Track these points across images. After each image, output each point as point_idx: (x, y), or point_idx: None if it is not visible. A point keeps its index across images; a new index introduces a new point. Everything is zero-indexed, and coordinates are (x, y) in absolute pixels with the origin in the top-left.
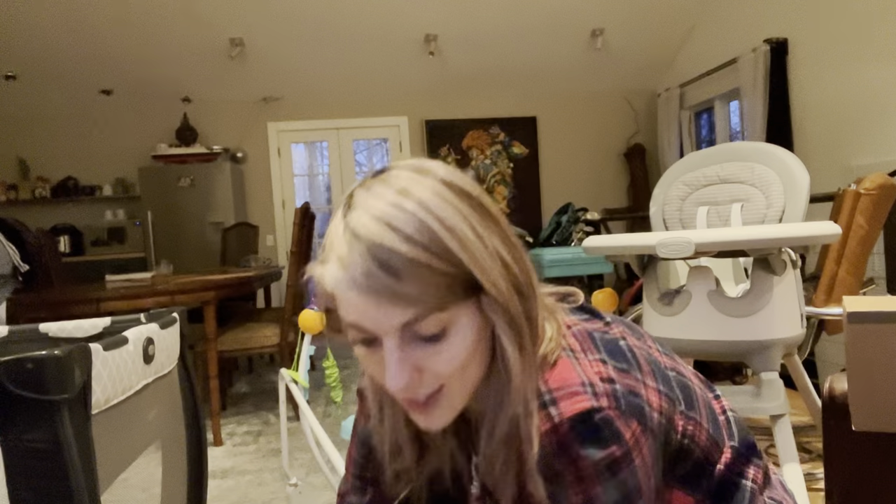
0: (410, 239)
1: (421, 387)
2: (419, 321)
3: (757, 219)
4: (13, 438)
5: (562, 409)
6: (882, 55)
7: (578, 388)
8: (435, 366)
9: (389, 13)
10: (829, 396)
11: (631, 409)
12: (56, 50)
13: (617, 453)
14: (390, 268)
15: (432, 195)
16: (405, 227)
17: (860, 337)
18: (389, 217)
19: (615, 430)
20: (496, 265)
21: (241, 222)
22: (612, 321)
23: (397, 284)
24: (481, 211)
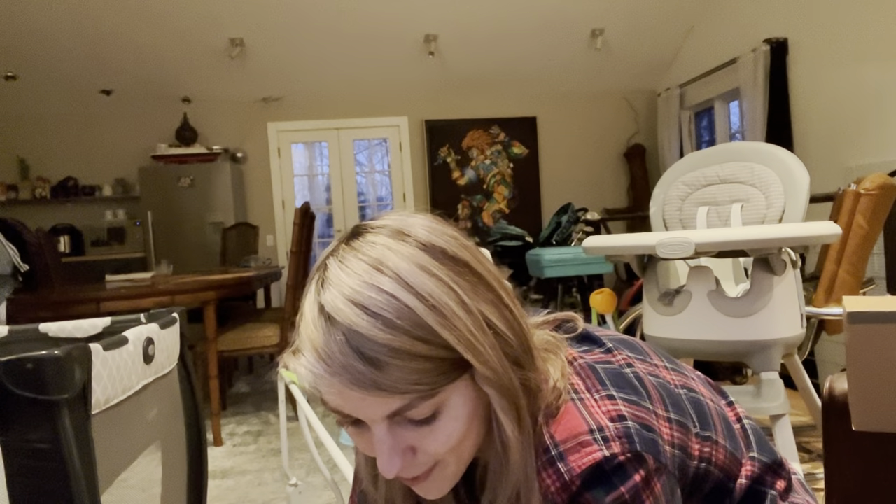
0: (390, 324)
1: (415, 467)
2: (408, 409)
3: (757, 219)
4: (13, 438)
5: (571, 464)
6: (882, 55)
7: (586, 437)
8: (429, 447)
9: (389, 13)
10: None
11: (645, 446)
12: (56, 50)
13: (626, 496)
14: (370, 359)
15: (411, 266)
16: (383, 311)
17: (860, 337)
18: (365, 300)
19: (624, 473)
20: (487, 338)
21: (241, 222)
22: (613, 347)
23: (380, 376)
24: (470, 275)
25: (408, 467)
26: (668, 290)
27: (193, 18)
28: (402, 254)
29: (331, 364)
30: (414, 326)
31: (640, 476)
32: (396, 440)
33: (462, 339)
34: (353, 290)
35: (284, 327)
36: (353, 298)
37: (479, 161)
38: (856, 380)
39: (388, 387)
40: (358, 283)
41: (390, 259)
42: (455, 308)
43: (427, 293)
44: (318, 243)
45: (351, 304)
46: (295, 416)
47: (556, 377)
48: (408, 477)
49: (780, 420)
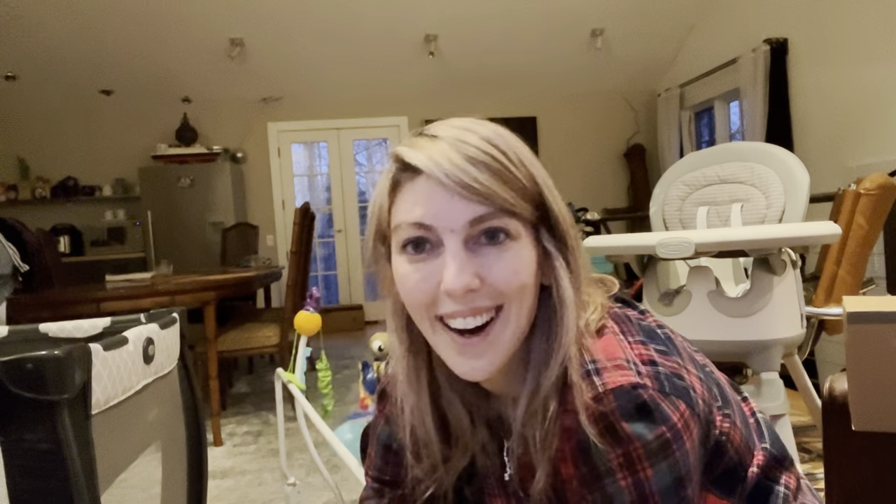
0: (491, 141)
1: (480, 298)
2: (490, 218)
3: (757, 219)
4: (13, 438)
5: (605, 379)
6: (882, 55)
7: (622, 362)
8: (498, 273)
9: (389, 13)
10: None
11: (676, 391)
12: (56, 50)
13: (667, 434)
14: (472, 159)
15: (501, 131)
16: (488, 132)
17: (860, 337)
18: (468, 127)
19: (662, 410)
20: (552, 196)
21: (241, 222)
22: (646, 311)
23: (478, 175)
24: (534, 158)
25: (473, 296)
26: (668, 290)
27: (193, 18)
28: (489, 125)
29: (437, 158)
30: (513, 151)
31: (679, 419)
32: (469, 256)
33: (543, 180)
34: (454, 128)
35: (284, 327)
36: (457, 127)
37: None
38: (856, 380)
39: (479, 189)
40: (457, 131)
41: (483, 125)
42: (537, 164)
43: (519, 146)
44: (318, 243)
45: (455, 128)
46: (294, 417)
47: (597, 303)
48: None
49: (780, 420)
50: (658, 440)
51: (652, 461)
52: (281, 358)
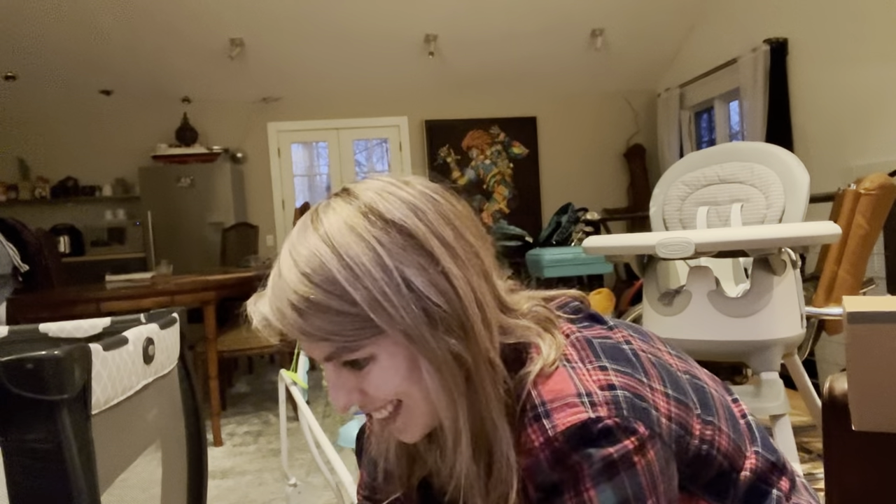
0: (309, 278)
1: (372, 406)
2: (338, 355)
3: (757, 219)
4: (13, 438)
5: (555, 421)
6: (882, 55)
7: (573, 398)
8: (368, 390)
9: (389, 13)
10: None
11: (635, 413)
12: (56, 50)
13: (614, 455)
14: (295, 307)
15: (341, 226)
16: (306, 263)
17: (860, 337)
18: (297, 256)
19: (614, 435)
20: (402, 299)
21: (241, 222)
22: (615, 326)
23: (304, 324)
24: (402, 238)
25: (365, 406)
26: (668, 290)
27: (193, 18)
28: (340, 214)
29: (271, 310)
30: (327, 282)
31: (631, 442)
32: (340, 380)
33: (369, 297)
34: (294, 245)
35: None
36: (292, 252)
37: (479, 161)
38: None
39: (311, 334)
40: (299, 239)
41: (328, 219)
42: (370, 266)
43: (345, 251)
44: None
45: (289, 257)
46: (295, 417)
47: (544, 347)
48: (374, 415)
49: (780, 420)
50: (604, 461)
51: (596, 481)
52: (281, 358)
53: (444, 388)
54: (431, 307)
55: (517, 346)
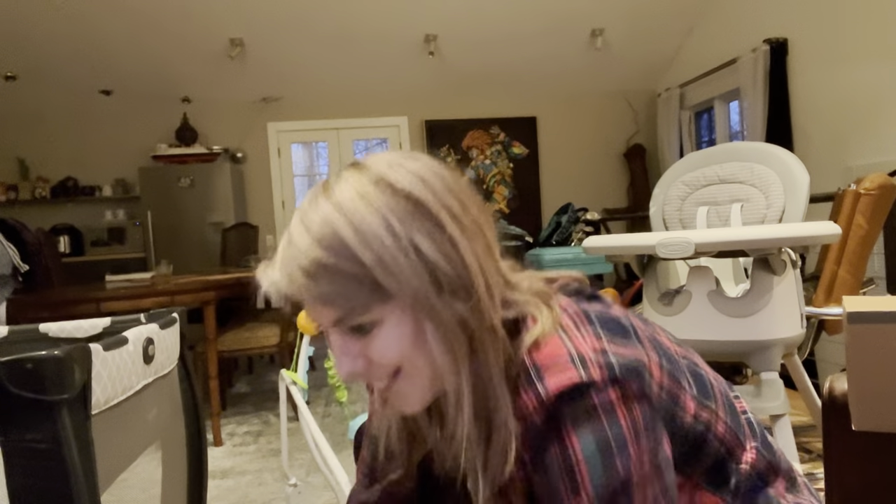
0: (320, 241)
1: (374, 375)
2: (346, 320)
3: (757, 219)
4: (13, 438)
5: (548, 385)
6: (882, 55)
7: (566, 362)
8: (373, 356)
9: (389, 13)
10: (829, 396)
11: (626, 373)
12: (56, 50)
13: (596, 402)
14: (306, 271)
15: (352, 194)
16: (318, 229)
17: (860, 337)
18: (308, 221)
19: (604, 393)
20: (409, 262)
21: (241, 222)
22: (612, 303)
23: (314, 287)
24: (410, 206)
25: (368, 374)
26: (668, 290)
27: (193, 18)
28: (351, 184)
29: (282, 276)
30: (339, 246)
31: (615, 393)
32: (346, 346)
33: (378, 262)
34: (305, 213)
35: (284, 327)
36: (303, 220)
37: (479, 161)
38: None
39: (321, 298)
40: (310, 207)
41: (340, 188)
42: (379, 232)
43: (356, 218)
44: None
45: (301, 225)
46: (295, 417)
47: (541, 318)
48: (376, 386)
49: (780, 420)
50: (586, 409)
51: (577, 426)
52: (281, 358)
53: (448, 352)
54: (438, 273)
55: (516, 319)
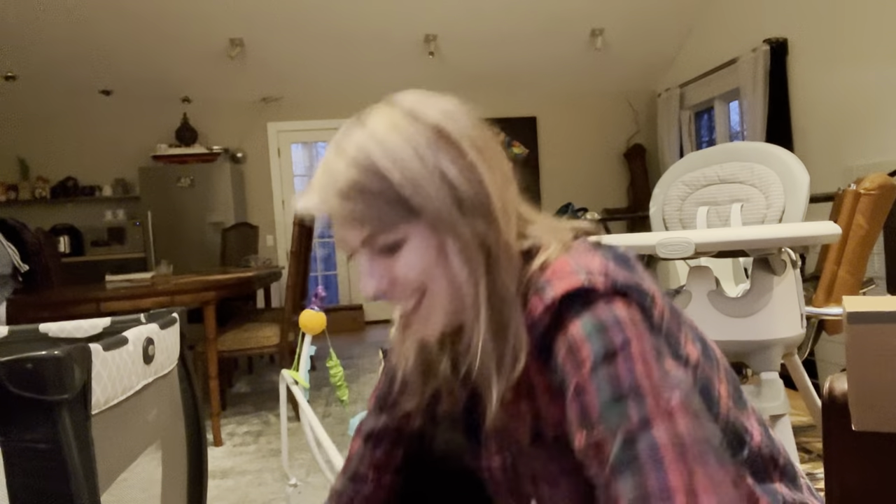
0: (354, 164)
1: (399, 295)
2: (374, 238)
3: (757, 219)
4: (13, 438)
5: (554, 290)
6: (882, 55)
7: (571, 272)
8: (398, 275)
9: (389, 13)
10: (829, 396)
11: (629, 289)
12: (56, 50)
13: (602, 307)
14: (340, 192)
15: (384, 124)
16: (353, 153)
17: (860, 337)
18: (343, 147)
19: (610, 305)
20: (433, 183)
21: (241, 222)
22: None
23: (347, 207)
24: (435, 136)
25: (392, 293)
26: (668, 290)
27: (193, 18)
28: (383, 115)
29: (317, 199)
30: (371, 168)
31: (620, 301)
32: (373, 266)
33: (407, 183)
34: (340, 141)
35: (284, 327)
36: (338, 147)
37: None
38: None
39: (354, 217)
40: (345, 136)
41: (372, 119)
42: (409, 156)
43: (388, 143)
44: (318, 243)
45: (335, 151)
46: (296, 417)
47: (553, 245)
48: (400, 308)
49: (780, 420)
50: (592, 314)
51: (578, 316)
52: (281, 358)
53: (468, 269)
54: (460, 194)
55: (529, 248)
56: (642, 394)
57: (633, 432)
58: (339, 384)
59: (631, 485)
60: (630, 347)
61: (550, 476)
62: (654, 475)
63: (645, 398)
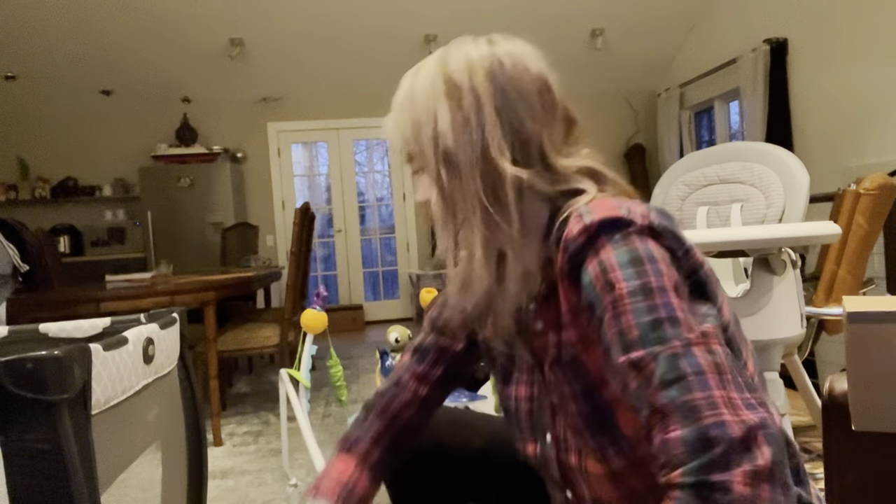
0: (433, 88)
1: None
2: (432, 158)
3: (757, 219)
4: (13, 438)
5: (594, 214)
6: (882, 55)
7: (613, 206)
8: (423, 195)
9: (389, 13)
10: (829, 396)
11: (664, 234)
12: (56, 50)
13: (634, 233)
14: (415, 112)
15: (461, 60)
16: (420, 74)
17: (860, 337)
18: (424, 72)
19: (646, 245)
20: (492, 118)
21: (241, 222)
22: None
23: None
24: (504, 76)
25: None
26: None
27: (193, 19)
28: (461, 51)
29: (394, 118)
30: (445, 93)
31: (653, 237)
32: (424, 181)
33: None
34: (419, 69)
35: (284, 327)
36: (417, 74)
37: None
38: (856, 380)
39: (403, 138)
40: (422, 67)
41: (451, 55)
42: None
43: (461, 76)
44: (317, 243)
45: (415, 77)
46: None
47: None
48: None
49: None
50: (621, 231)
51: (613, 245)
52: (281, 358)
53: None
54: (512, 130)
55: (567, 191)
56: (678, 320)
57: (677, 355)
58: (339, 384)
59: (679, 399)
60: (662, 280)
61: (563, 400)
62: (700, 391)
63: (680, 325)
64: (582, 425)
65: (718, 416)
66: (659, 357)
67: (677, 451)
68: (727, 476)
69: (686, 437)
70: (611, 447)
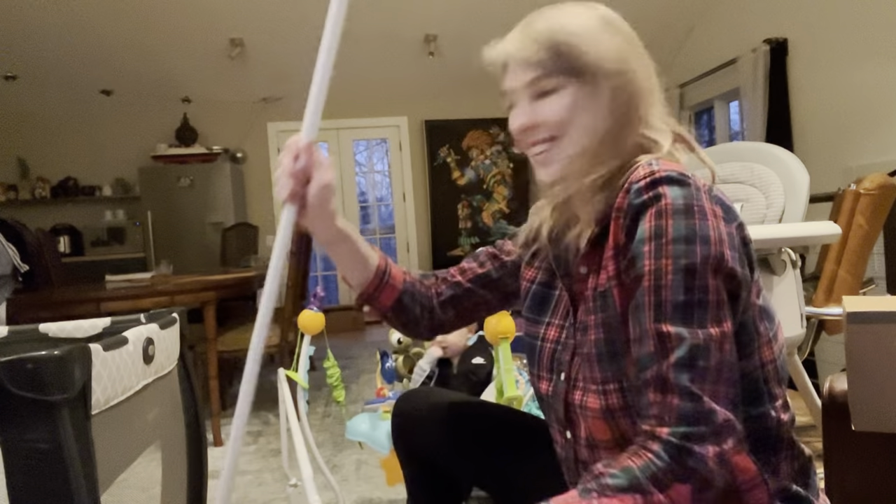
0: (547, 24)
1: (536, 135)
2: (538, 81)
3: (757, 219)
4: (13, 438)
5: (661, 166)
6: (882, 55)
7: (681, 169)
8: (542, 115)
9: (389, 13)
10: (829, 396)
11: (720, 203)
12: (56, 50)
13: (693, 193)
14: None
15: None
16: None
17: (860, 337)
18: (545, 17)
19: (701, 201)
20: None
21: (241, 222)
22: None
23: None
24: (612, 28)
25: (532, 132)
26: None
27: (193, 19)
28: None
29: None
30: (563, 32)
31: (710, 204)
32: (525, 107)
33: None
34: (541, 13)
35: (284, 327)
36: (536, 18)
37: (479, 161)
38: (856, 380)
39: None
40: (541, 12)
41: (569, 7)
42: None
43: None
44: (318, 244)
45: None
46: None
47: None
48: (532, 143)
49: None
50: (685, 201)
51: (675, 216)
52: (281, 358)
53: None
54: (618, 72)
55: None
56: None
57: (698, 346)
58: (336, 385)
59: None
60: (709, 252)
61: (585, 333)
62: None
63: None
64: (594, 354)
65: (711, 404)
66: (683, 342)
67: (671, 413)
68: (703, 450)
69: (681, 408)
70: (613, 381)
